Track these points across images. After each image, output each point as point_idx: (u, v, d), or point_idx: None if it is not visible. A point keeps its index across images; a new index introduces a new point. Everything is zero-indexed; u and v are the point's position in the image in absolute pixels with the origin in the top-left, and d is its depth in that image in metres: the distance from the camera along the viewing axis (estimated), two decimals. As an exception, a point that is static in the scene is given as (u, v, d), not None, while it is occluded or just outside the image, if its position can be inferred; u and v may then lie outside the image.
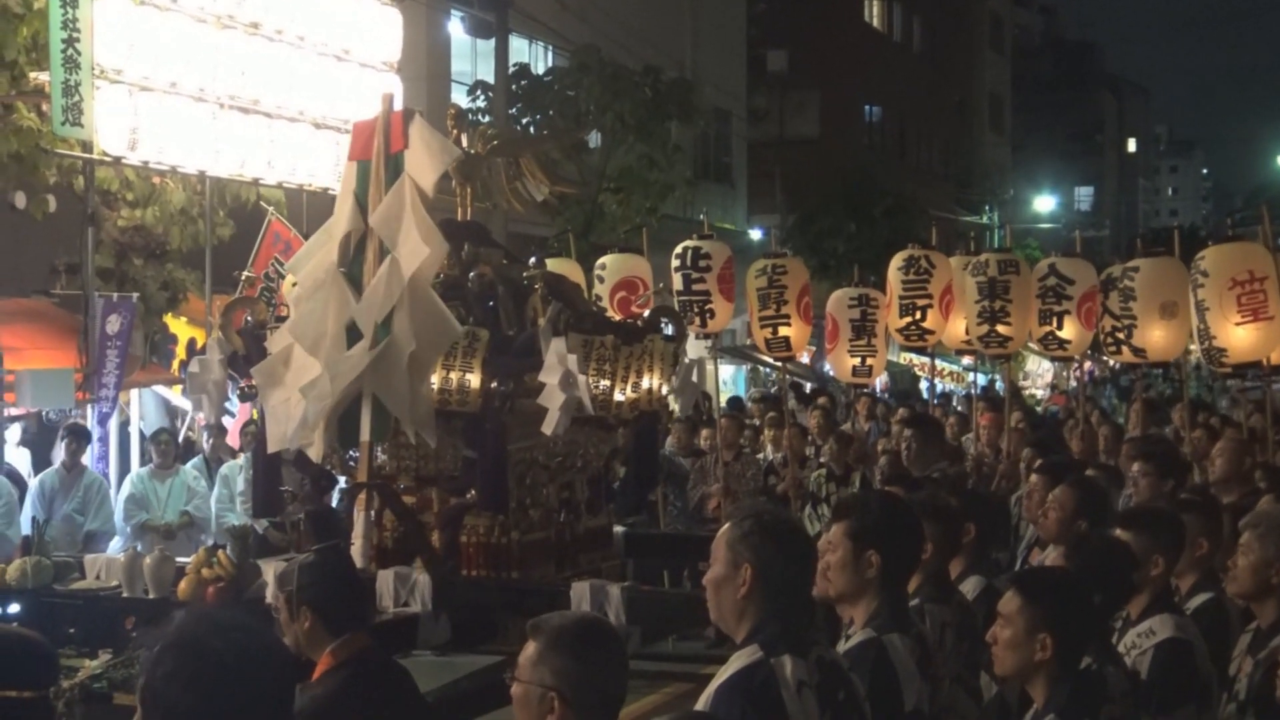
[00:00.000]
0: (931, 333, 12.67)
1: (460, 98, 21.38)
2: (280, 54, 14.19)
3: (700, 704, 3.48)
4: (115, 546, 10.72)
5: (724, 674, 3.55)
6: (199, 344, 14.84)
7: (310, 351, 6.69)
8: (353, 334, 6.71)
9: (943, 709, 4.46)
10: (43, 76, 12.69)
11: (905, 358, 29.22)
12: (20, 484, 11.45)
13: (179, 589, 6.26)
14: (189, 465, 11.99)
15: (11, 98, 13.10)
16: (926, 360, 17.06)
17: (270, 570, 6.30)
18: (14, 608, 6.37)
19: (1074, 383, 19.95)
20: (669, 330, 7.90)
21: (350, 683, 4.10)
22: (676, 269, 12.26)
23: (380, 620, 5.97)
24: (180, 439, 13.51)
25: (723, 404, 16.83)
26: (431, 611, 6.44)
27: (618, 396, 7.40)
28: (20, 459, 12.61)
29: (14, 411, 12.76)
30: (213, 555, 6.27)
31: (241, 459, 11.46)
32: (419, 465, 7.10)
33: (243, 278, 12.44)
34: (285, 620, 4.28)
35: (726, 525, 3.71)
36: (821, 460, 12.33)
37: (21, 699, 3.13)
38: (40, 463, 12.61)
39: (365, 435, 6.69)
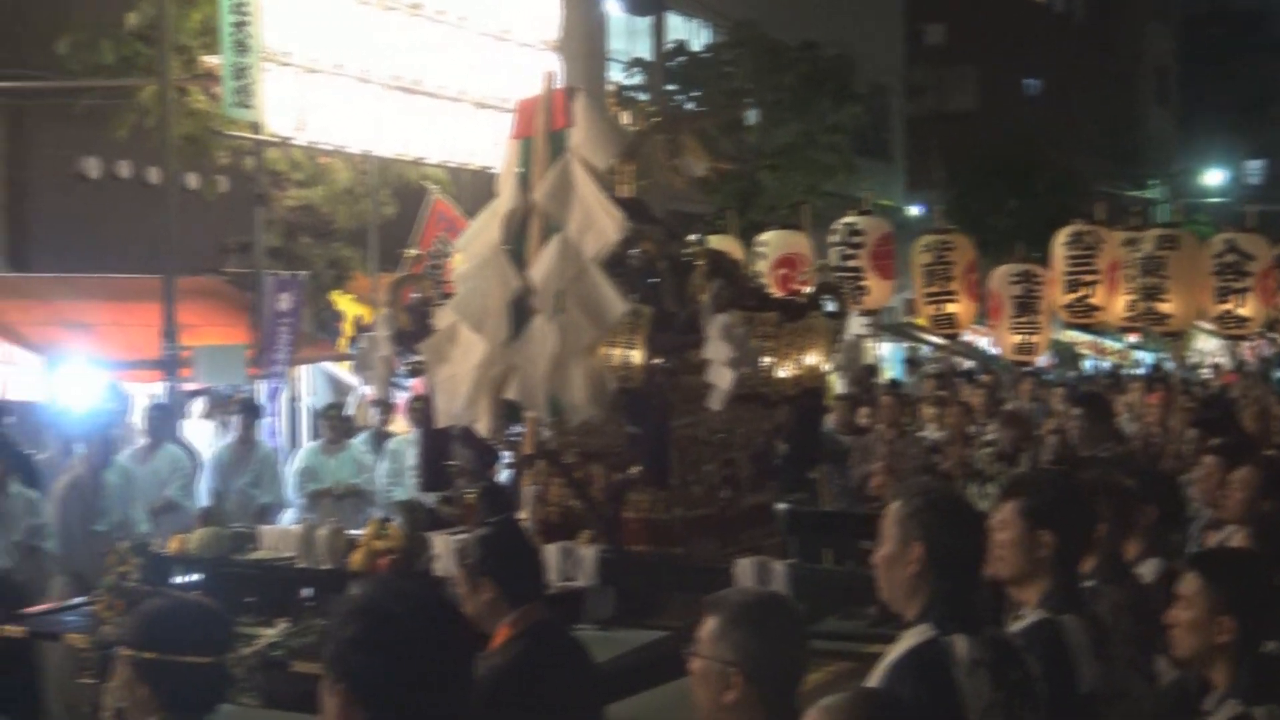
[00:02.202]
0: (1098, 309, 12.40)
1: (617, 76, 21.44)
2: (442, 35, 14.38)
3: (871, 682, 3.45)
4: (287, 518, 10.98)
5: (895, 652, 3.52)
6: (365, 321, 15.13)
7: (475, 328, 6.77)
8: (515, 310, 6.78)
9: (1116, 693, 4.38)
10: (214, 60, 13.02)
11: (1067, 335, 28.67)
12: (195, 457, 11.78)
13: (352, 560, 6.39)
14: (358, 440, 12.21)
15: (184, 81, 13.47)
16: (1090, 338, 16.72)
17: (440, 543, 6.42)
18: (195, 576, 6.56)
19: (1244, 361, 19.39)
20: (831, 307, 7.84)
21: (529, 653, 4.16)
22: (832, 245, 12.19)
23: (546, 594, 6.02)
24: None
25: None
26: (597, 586, 6.49)
27: (780, 373, 7.37)
28: (203, 432, 12.97)
29: (191, 386, 13.14)
30: (384, 528, 6.39)
31: (410, 434, 11.64)
32: (583, 441, 7.14)
33: (408, 255, 12.63)
34: (465, 592, 4.35)
35: (896, 503, 3.68)
36: (986, 438, 12.16)
37: (200, 665, 3.23)
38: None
39: (531, 411, 6.76)
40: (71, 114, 15.68)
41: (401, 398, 12.35)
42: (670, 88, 21.10)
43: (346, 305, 16.27)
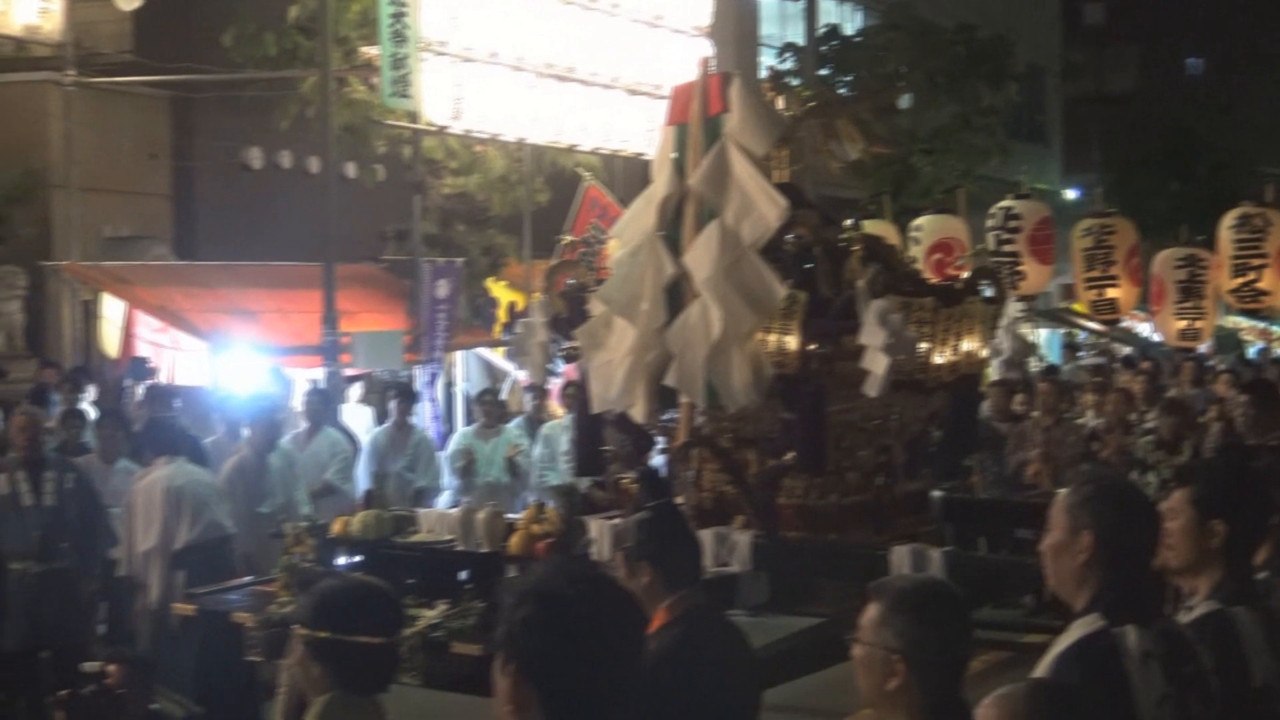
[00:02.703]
0: (1267, 294, 12.08)
1: (769, 61, 21.36)
2: (594, 22, 14.45)
3: (1039, 672, 3.40)
4: (443, 502, 11.14)
5: (1064, 642, 3.46)
6: (519, 307, 15.27)
7: (623, 315, 6.80)
8: (671, 297, 6.79)
9: (1291, 687, 4.26)
10: (372, 51, 13.25)
11: (1230, 320, 27.93)
12: (354, 442, 12.00)
13: (510, 544, 6.46)
14: (512, 425, 12.34)
15: (344, 72, 13.73)
16: (1256, 324, 16.27)
17: (596, 527, 6.47)
18: (357, 559, 6.69)
19: None
20: (989, 292, 7.72)
21: (686, 637, 4.17)
22: (989, 229, 12.02)
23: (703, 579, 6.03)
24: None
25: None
26: (751, 571, 6.49)
27: (936, 359, 7.28)
28: (361, 417, 13.21)
29: (349, 372, 13.40)
30: (542, 512, 6.45)
31: (564, 419, 11.73)
32: (737, 426, 7.13)
33: (563, 242, 12.73)
34: (623, 576, 4.38)
35: (1066, 490, 3.61)
36: (1147, 426, 11.90)
37: (371, 645, 3.29)
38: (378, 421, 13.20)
39: (688, 398, 6.77)
40: (236, 105, 16.09)
41: (555, 383, 12.45)
42: (823, 72, 20.96)
43: (501, 292, 16.46)
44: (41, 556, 8.60)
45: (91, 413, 11.36)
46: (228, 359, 13.79)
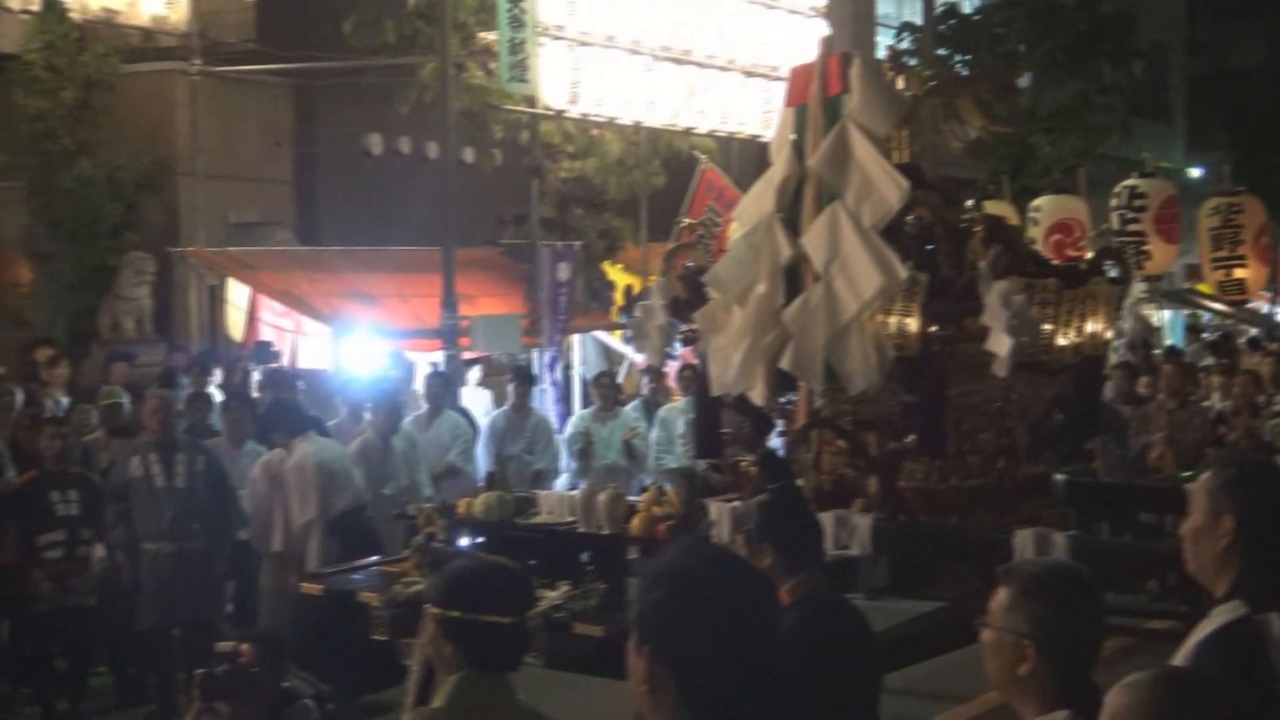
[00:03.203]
0: (1400, 274, 11.76)
1: (886, 41, 21.17)
2: (711, 4, 14.42)
3: (1178, 660, 3.33)
4: (561, 485, 11.21)
5: (1204, 630, 3.37)
6: (635, 291, 15.33)
7: (732, 297, 6.80)
8: (789, 279, 6.78)
9: None
10: (490, 36, 13.35)
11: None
12: (472, 425, 12.10)
13: (631, 525, 6.50)
14: (629, 408, 12.38)
15: (462, 57, 13.84)
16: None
17: (716, 510, 6.49)
18: (480, 540, 6.77)
19: None
20: (1113, 273, 7.61)
21: (806, 620, 4.16)
22: (1114, 208, 11.83)
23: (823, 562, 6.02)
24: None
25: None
26: (870, 555, 6.47)
27: (1059, 341, 7.20)
28: (480, 400, 13.34)
29: (468, 355, 13.54)
30: (663, 494, 6.48)
31: (680, 402, 11.75)
32: (857, 409, 7.11)
33: (680, 225, 12.77)
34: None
35: (1208, 473, 3.52)
36: (1275, 409, 11.65)
37: (503, 625, 3.32)
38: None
39: (806, 380, 6.76)
40: (356, 92, 16.30)
41: (672, 366, 12.47)
42: (941, 52, 20.73)
43: (617, 275, 16.51)
44: (173, 537, 8.79)
45: (217, 396, 11.58)
46: (349, 343, 13.99)
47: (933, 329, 6.72)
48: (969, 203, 7.94)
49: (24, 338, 15.55)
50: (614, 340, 15.79)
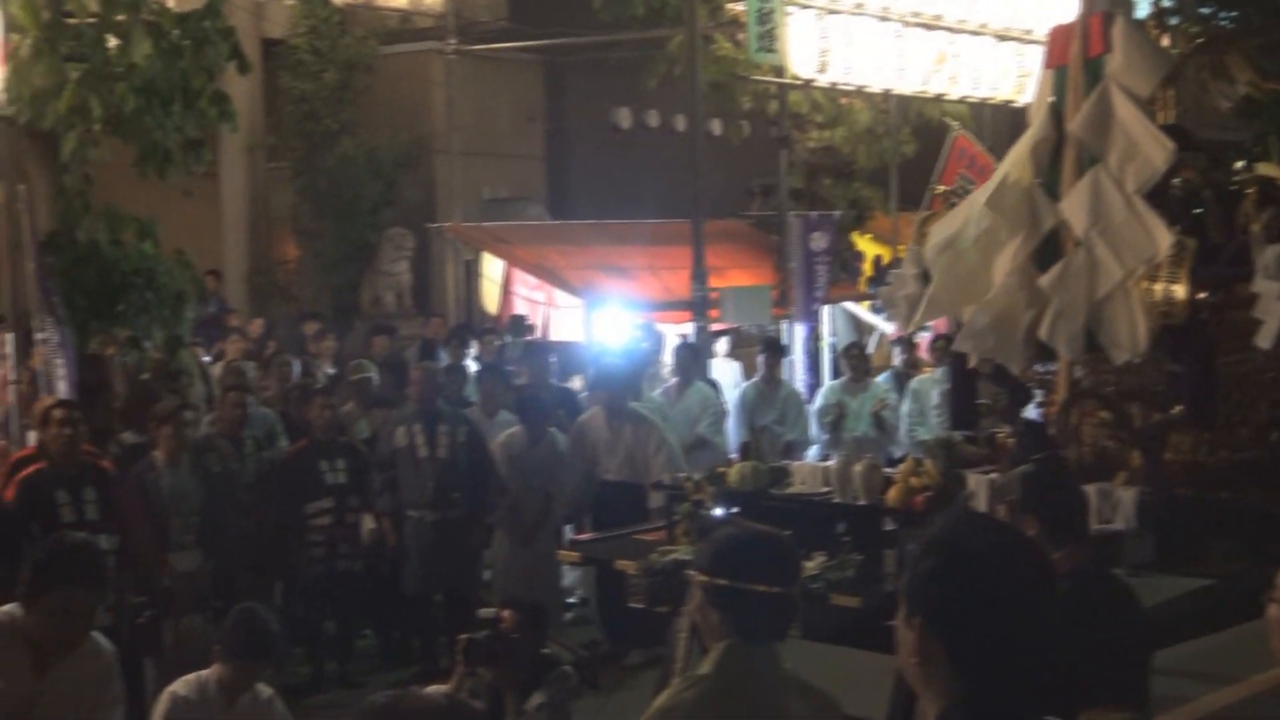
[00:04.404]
0: None
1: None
2: (962, -32, 14.16)
3: None
4: (811, 456, 11.17)
5: None
6: (884, 260, 15.19)
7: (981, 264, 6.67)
8: (1046, 246, 6.63)
9: None
10: (738, 6, 13.34)
11: None
12: (721, 395, 12.13)
13: (888, 496, 6.45)
14: (880, 379, 12.27)
15: (710, 29, 13.87)
16: None
17: (973, 481, 6.39)
18: (735, 510, 6.79)
19: None
20: None
21: (1075, 594, 4.07)
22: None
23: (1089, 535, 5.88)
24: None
25: None
26: (1135, 530, 6.29)
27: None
28: (728, 371, 13.38)
29: (717, 326, 13.59)
30: (920, 465, 6.41)
31: (933, 373, 11.59)
32: (1120, 379, 6.91)
33: (932, 193, 12.56)
34: (1009, 530, 4.31)
35: None
36: None
37: (770, 594, 3.30)
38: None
39: (1062, 351, 6.60)
40: (604, 68, 16.50)
41: (924, 337, 12.31)
42: (1204, 10, 19.90)
43: (866, 245, 16.37)
44: (435, 506, 9.04)
45: (473, 367, 11.83)
46: (601, 315, 14.19)
47: (1201, 296, 6.49)
48: (1239, 164, 7.62)
49: (292, 312, 16.23)
50: (863, 311, 15.66)
